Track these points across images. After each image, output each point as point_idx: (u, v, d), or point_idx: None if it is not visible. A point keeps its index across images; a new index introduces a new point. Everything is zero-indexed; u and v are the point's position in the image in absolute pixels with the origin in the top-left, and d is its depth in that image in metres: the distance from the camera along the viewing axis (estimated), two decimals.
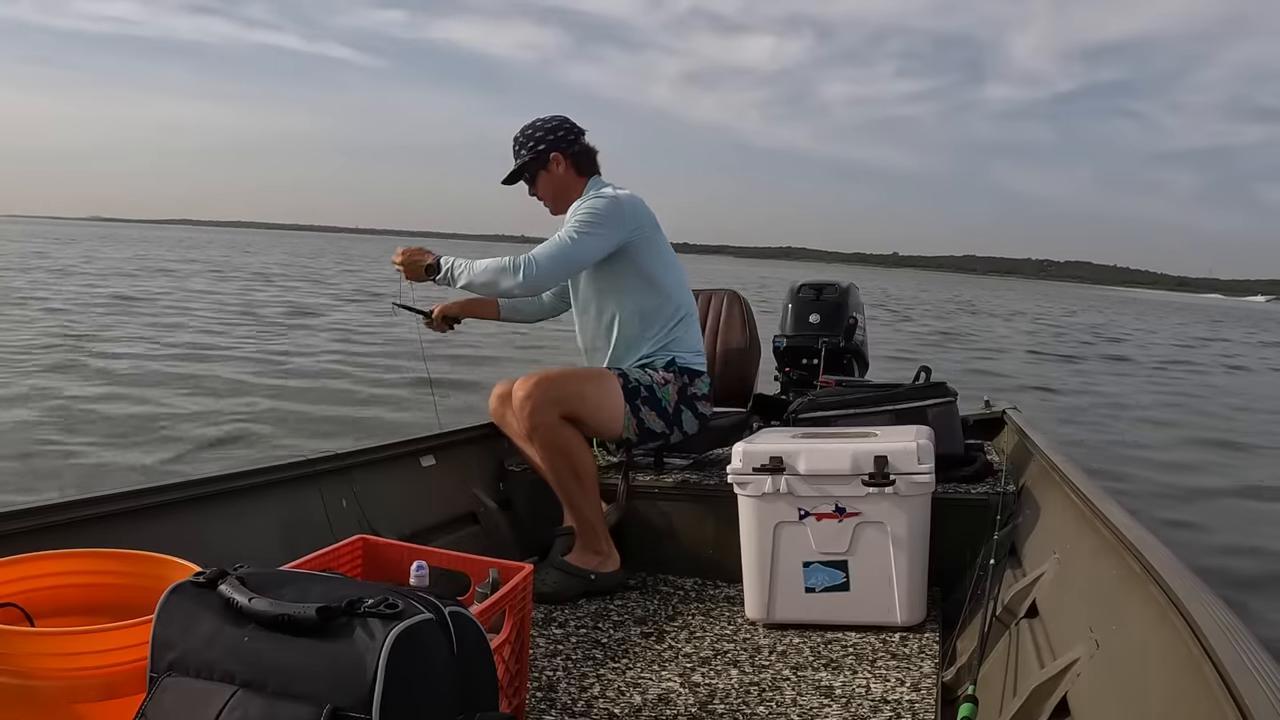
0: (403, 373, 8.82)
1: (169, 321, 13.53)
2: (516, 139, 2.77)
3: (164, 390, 7.88)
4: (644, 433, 2.66)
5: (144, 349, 10.34)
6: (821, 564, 2.32)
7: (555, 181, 2.77)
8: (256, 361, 9.95)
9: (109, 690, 1.27)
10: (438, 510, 2.73)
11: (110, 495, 1.91)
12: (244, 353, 10.59)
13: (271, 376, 9.00)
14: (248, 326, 13.60)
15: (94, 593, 1.54)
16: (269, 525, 2.20)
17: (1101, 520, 1.77)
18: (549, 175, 2.76)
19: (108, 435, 6.09)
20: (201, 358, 9.94)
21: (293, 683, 1.10)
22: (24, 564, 1.51)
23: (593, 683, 2.01)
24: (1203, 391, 13.91)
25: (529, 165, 2.75)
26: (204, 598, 1.20)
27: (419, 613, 1.14)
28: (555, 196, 2.78)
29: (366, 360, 10.48)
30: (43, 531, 1.72)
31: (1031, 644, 1.73)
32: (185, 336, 11.80)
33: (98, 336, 11.14)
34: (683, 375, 2.70)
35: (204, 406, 7.30)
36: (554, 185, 2.77)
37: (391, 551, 1.83)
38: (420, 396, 7.54)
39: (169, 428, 6.42)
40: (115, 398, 7.37)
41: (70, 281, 20.65)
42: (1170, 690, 1.17)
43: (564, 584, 2.55)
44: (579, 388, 2.59)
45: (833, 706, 1.90)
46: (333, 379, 9.18)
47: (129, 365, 9.09)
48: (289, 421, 6.96)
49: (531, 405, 2.49)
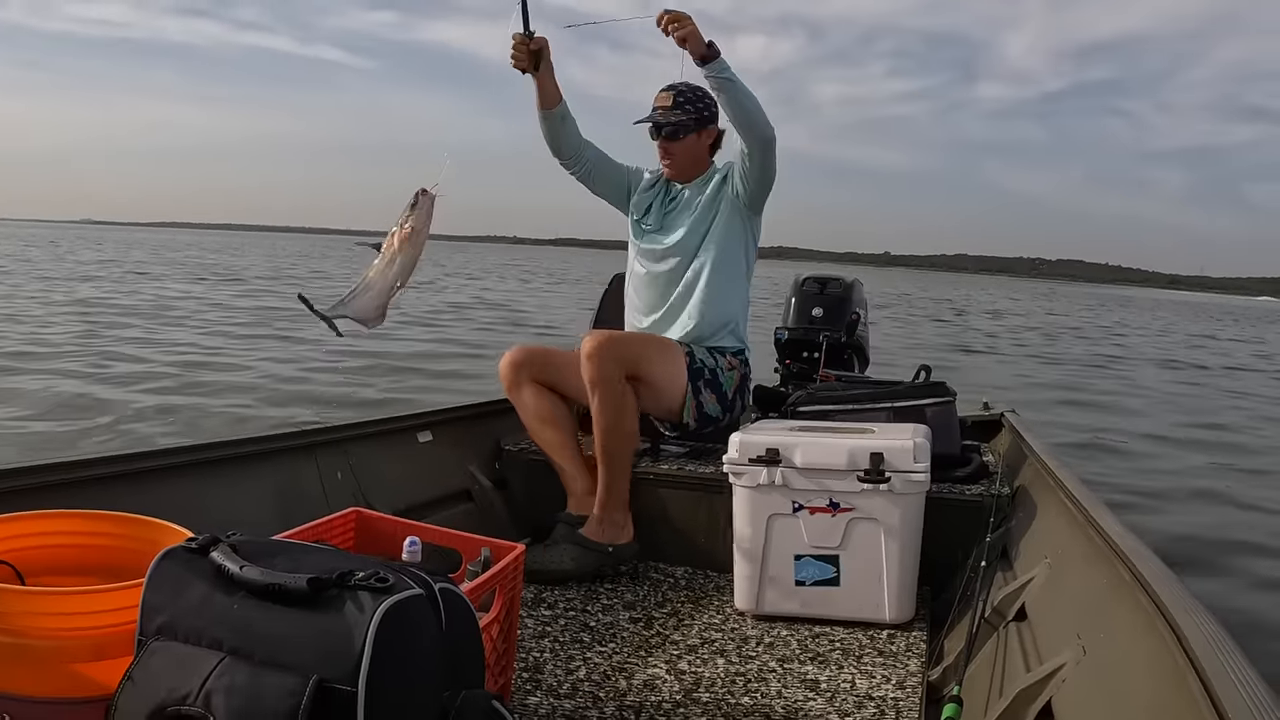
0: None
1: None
2: (684, 92, 2.78)
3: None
4: (701, 417, 2.71)
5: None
6: (813, 558, 2.32)
7: (698, 149, 2.85)
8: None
9: (98, 651, 1.28)
10: (433, 486, 2.73)
11: (106, 458, 1.91)
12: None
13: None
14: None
15: (86, 554, 1.54)
16: (264, 494, 2.21)
17: (1093, 527, 1.77)
18: (698, 141, 2.84)
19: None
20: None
21: (280, 652, 1.10)
22: (17, 522, 1.51)
23: (579, 665, 2.02)
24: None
25: (688, 124, 2.78)
26: (195, 564, 1.20)
27: (409, 588, 1.14)
28: (690, 162, 2.85)
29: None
30: (38, 491, 1.73)
31: (1019, 647, 1.74)
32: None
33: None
34: (746, 364, 2.84)
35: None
36: (695, 151, 2.84)
37: (385, 525, 1.84)
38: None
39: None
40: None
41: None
42: (1154, 700, 1.17)
43: (582, 559, 2.55)
44: (648, 353, 2.64)
45: (817, 700, 1.90)
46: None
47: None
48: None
49: (600, 358, 2.51)
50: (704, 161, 2.88)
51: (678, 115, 2.78)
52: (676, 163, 2.86)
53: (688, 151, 2.84)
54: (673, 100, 2.78)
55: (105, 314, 13.47)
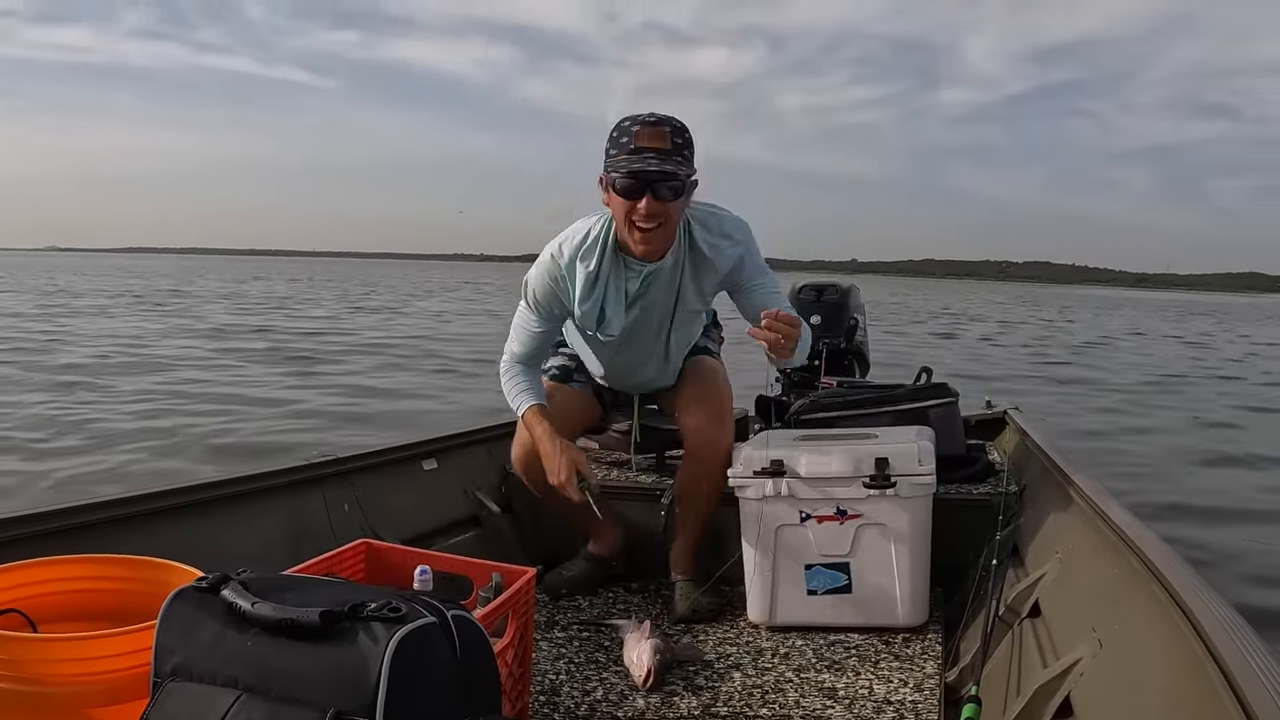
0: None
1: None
2: (680, 130, 2.07)
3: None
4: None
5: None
6: (823, 566, 2.31)
7: (681, 214, 2.15)
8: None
9: (113, 696, 1.27)
10: (440, 514, 2.73)
11: (112, 500, 1.91)
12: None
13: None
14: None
15: (97, 598, 1.54)
16: (271, 530, 2.20)
17: (1103, 519, 1.77)
18: (687, 199, 2.15)
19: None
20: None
21: (296, 687, 1.10)
22: (27, 570, 1.51)
23: (595, 686, 2.01)
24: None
25: (689, 176, 2.10)
26: (207, 603, 1.20)
27: (422, 616, 1.14)
28: (673, 230, 2.15)
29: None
30: (45, 537, 1.72)
31: (1034, 644, 1.73)
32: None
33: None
34: (718, 325, 2.66)
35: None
36: (678, 217, 2.15)
37: (394, 555, 1.84)
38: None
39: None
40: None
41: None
42: (1173, 690, 1.17)
43: (715, 602, 2.48)
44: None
45: (836, 708, 1.90)
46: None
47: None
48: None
49: (726, 448, 2.34)
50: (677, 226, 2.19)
51: (679, 165, 2.06)
52: (664, 233, 2.12)
53: (679, 216, 2.14)
54: (670, 141, 2.05)
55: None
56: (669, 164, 2.03)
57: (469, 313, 25.79)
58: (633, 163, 2.02)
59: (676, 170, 2.04)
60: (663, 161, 2.02)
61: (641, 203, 2.04)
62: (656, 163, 2.02)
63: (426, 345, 14.98)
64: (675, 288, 2.26)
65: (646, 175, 2.03)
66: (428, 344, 15.18)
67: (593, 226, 2.21)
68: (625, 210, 2.07)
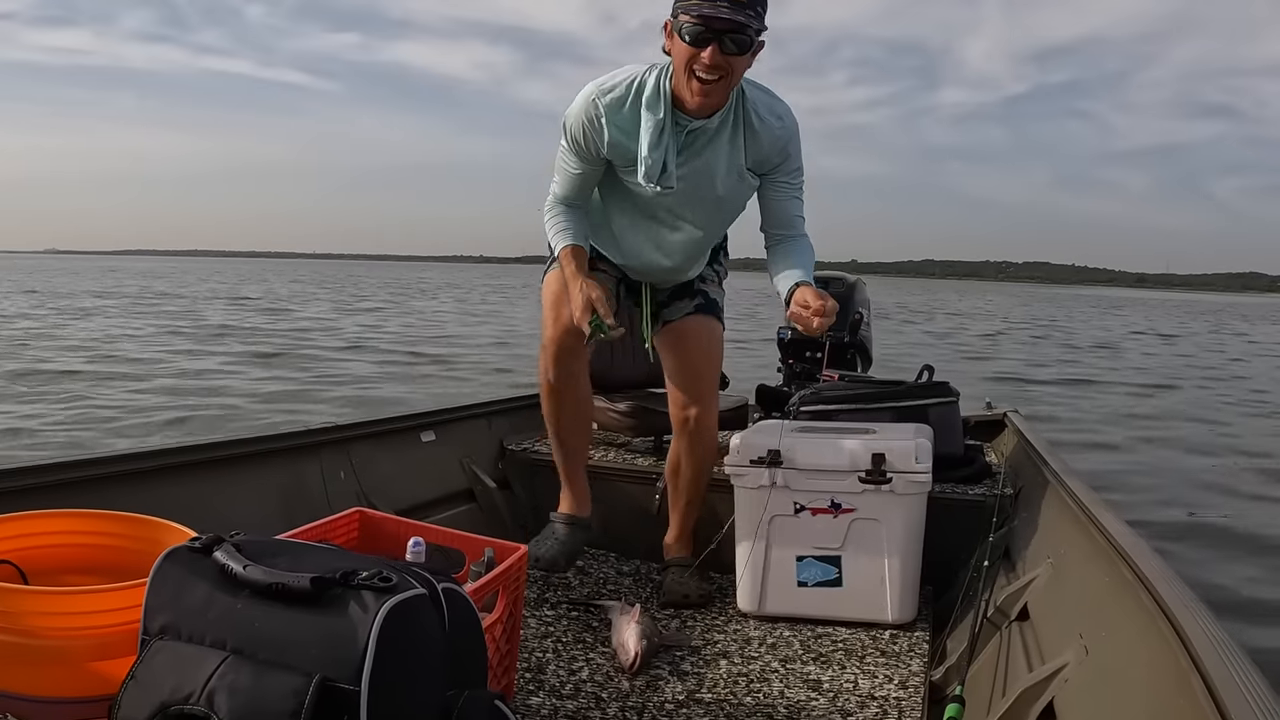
0: None
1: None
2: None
3: None
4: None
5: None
6: (815, 559, 2.32)
7: (742, 73, 2.08)
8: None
9: (101, 651, 1.28)
10: (435, 486, 2.73)
11: (110, 457, 1.91)
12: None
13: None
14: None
15: (90, 553, 1.54)
16: (267, 494, 2.21)
17: (1096, 526, 1.77)
18: (751, 58, 2.07)
19: None
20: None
21: (283, 652, 1.10)
22: (21, 521, 1.51)
23: (581, 666, 2.02)
24: None
25: (759, 33, 2.02)
26: (199, 563, 1.21)
27: (412, 587, 1.14)
28: (729, 87, 2.07)
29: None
30: (41, 490, 1.73)
31: (1021, 647, 1.74)
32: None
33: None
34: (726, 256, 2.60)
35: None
36: (739, 76, 2.07)
37: (388, 525, 1.84)
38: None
39: None
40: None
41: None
42: (1157, 700, 1.17)
43: (705, 588, 2.49)
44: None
45: (819, 700, 1.90)
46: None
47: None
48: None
49: (711, 424, 2.43)
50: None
51: (751, 19, 1.97)
52: (723, 88, 2.04)
53: (740, 74, 2.06)
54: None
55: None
56: (741, 15, 1.95)
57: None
58: (704, 7, 1.95)
59: (748, 23, 1.97)
60: (735, 11, 1.95)
61: (706, 52, 1.97)
62: (729, 11, 1.94)
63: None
64: (721, 151, 2.18)
65: (718, 22, 1.95)
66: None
67: (647, 75, 2.11)
68: (687, 58, 2.00)
